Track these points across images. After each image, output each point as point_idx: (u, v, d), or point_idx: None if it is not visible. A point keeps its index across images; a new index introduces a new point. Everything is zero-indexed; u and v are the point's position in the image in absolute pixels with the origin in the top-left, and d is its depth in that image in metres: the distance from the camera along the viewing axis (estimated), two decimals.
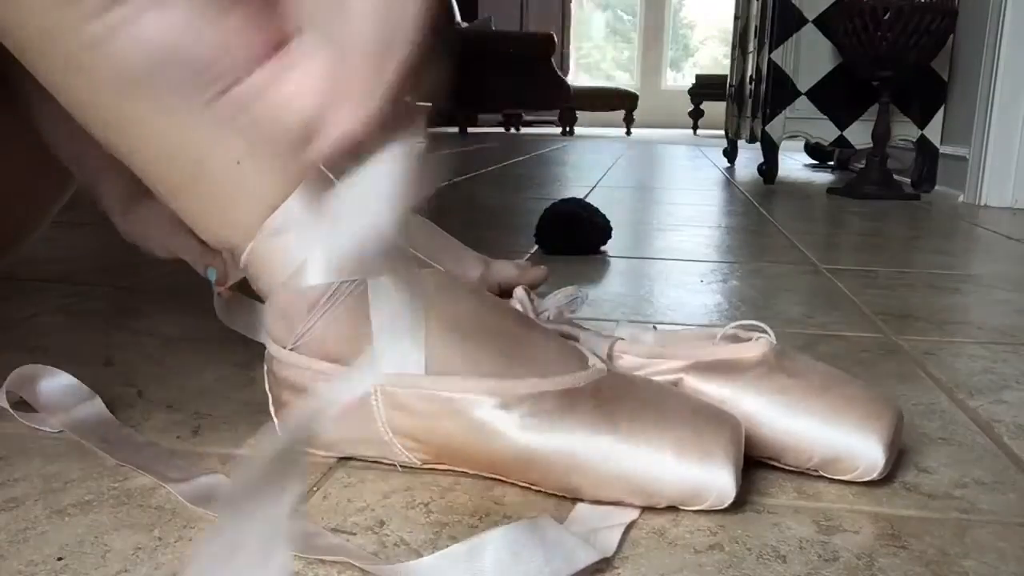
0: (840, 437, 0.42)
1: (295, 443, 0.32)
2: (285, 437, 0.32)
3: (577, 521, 0.38)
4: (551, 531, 0.35)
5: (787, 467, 0.44)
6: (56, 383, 0.49)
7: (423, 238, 0.65)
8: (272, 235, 0.40)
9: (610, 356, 0.47)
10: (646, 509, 0.39)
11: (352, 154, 0.36)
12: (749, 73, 2.52)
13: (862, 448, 0.42)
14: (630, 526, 0.38)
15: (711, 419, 0.40)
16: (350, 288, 0.40)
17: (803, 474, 0.44)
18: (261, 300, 0.43)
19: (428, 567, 0.32)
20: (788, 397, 0.43)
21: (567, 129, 6.10)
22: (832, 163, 3.12)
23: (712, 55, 9.95)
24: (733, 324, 0.50)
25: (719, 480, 0.39)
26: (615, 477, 0.39)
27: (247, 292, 0.48)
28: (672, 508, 0.40)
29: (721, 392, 0.44)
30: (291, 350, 0.42)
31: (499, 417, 0.39)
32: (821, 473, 0.43)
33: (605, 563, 0.35)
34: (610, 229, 1.14)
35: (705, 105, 6.82)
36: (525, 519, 0.35)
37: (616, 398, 0.40)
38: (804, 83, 2.20)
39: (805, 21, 2.18)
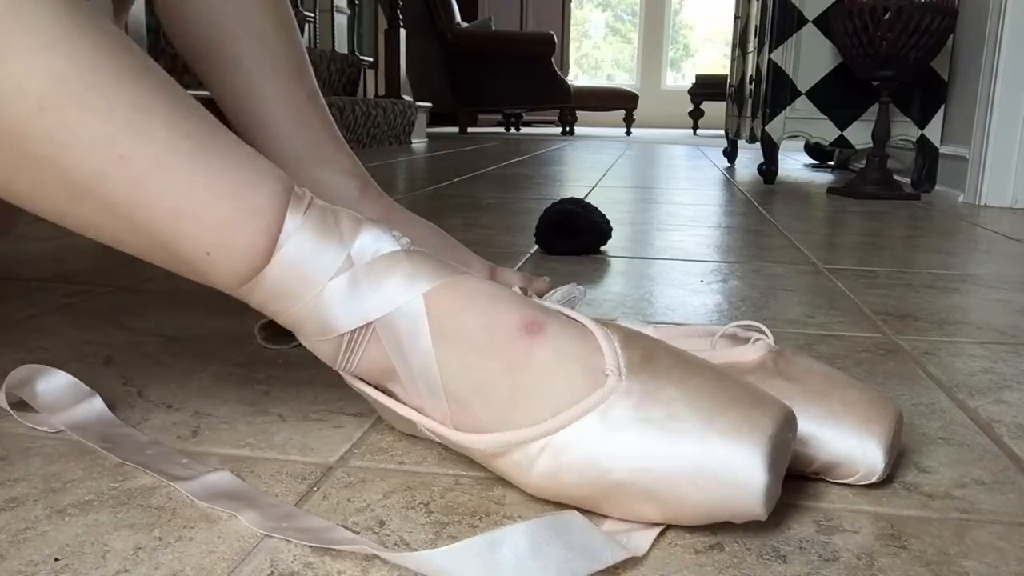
0: (840, 443, 0.42)
1: None
2: None
3: (612, 522, 0.38)
4: (577, 527, 0.34)
5: (788, 471, 0.44)
6: (56, 383, 0.49)
7: (428, 244, 0.64)
8: (282, 264, 0.40)
9: None
10: None
11: None
12: (749, 73, 2.52)
13: (862, 453, 0.42)
14: (665, 529, 0.38)
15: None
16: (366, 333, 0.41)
17: (803, 475, 0.44)
18: None
19: (445, 556, 0.32)
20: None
21: (567, 129, 6.10)
22: (832, 163, 3.12)
23: (712, 55, 9.95)
24: (732, 324, 0.50)
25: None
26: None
27: None
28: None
29: None
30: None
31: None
32: (822, 477, 0.43)
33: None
34: (610, 229, 1.14)
35: (705, 105, 6.83)
36: (551, 514, 0.35)
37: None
38: (804, 83, 2.20)
39: (805, 21, 2.18)
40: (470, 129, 5.82)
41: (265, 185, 0.40)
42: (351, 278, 0.40)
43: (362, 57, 4.64)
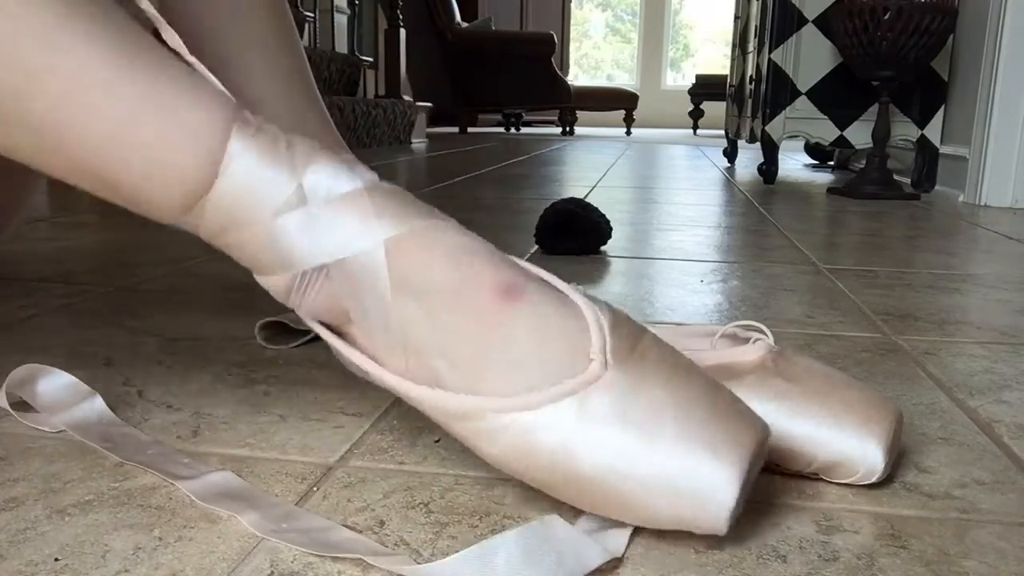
0: (840, 443, 0.42)
1: None
2: None
3: (585, 521, 0.38)
4: (562, 531, 0.34)
5: (788, 471, 0.44)
6: (56, 383, 0.49)
7: None
8: (230, 189, 0.36)
9: None
10: None
11: None
12: (749, 73, 2.52)
13: (862, 453, 0.42)
14: (638, 527, 0.38)
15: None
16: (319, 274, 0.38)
17: (803, 475, 0.44)
18: None
19: (441, 570, 0.32)
20: (787, 402, 0.43)
21: (567, 129, 6.10)
22: (832, 163, 3.12)
23: (712, 55, 9.95)
24: (732, 324, 0.50)
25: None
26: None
27: None
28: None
29: None
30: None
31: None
32: (822, 477, 0.43)
33: (605, 563, 0.35)
34: (610, 229, 1.14)
35: (705, 105, 6.83)
36: (536, 520, 0.35)
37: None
38: (804, 83, 2.20)
39: (805, 21, 2.18)
40: (470, 129, 5.82)
41: (204, 104, 0.36)
42: (304, 214, 0.36)
43: (362, 57, 4.64)
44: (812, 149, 3.35)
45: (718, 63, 9.19)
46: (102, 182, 0.37)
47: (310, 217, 0.37)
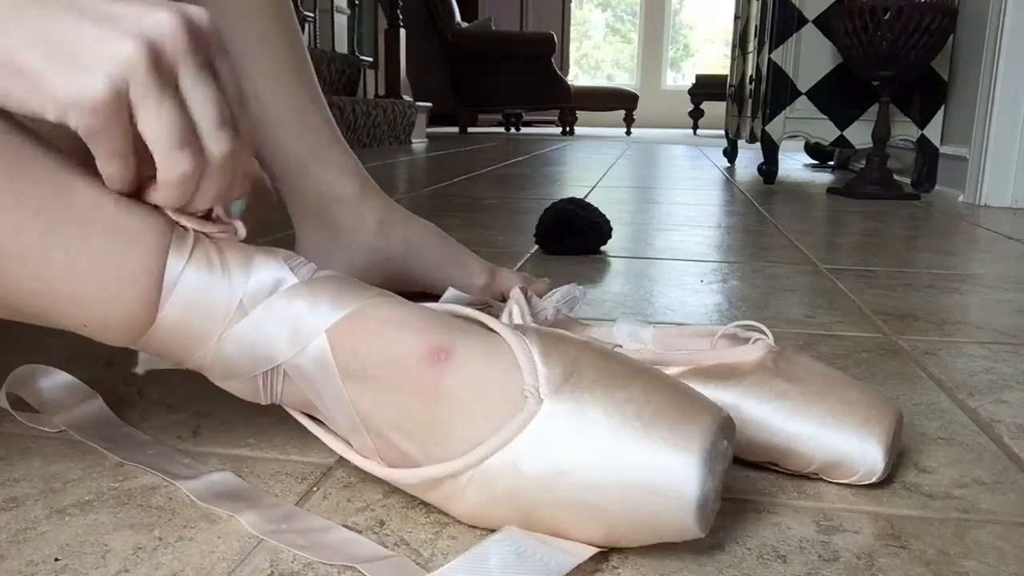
0: (840, 442, 0.42)
1: None
2: None
3: None
4: None
5: (788, 471, 0.44)
6: (56, 383, 0.49)
7: (428, 244, 0.64)
8: (176, 312, 0.37)
9: None
10: None
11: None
12: (749, 73, 2.52)
13: (862, 453, 0.42)
14: None
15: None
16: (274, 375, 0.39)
17: (803, 475, 0.44)
18: None
19: None
20: (787, 402, 0.43)
21: (567, 129, 6.10)
22: (832, 163, 3.12)
23: (712, 55, 9.95)
24: (732, 324, 0.50)
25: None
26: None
27: None
28: None
29: (722, 397, 0.44)
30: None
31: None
32: (822, 477, 0.43)
33: (605, 563, 0.35)
34: (610, 229, 1.14)
35: (705, 105, 6.82)
36: None
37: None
38: (804, 83, 2.20)
39: (805, 21, 2.18)
40: (470, 129, 5.82)
41: (137, 247, 0.36)
42: (249, 324, 0.37)
43: (362, 57, 4.64)
44: (812, 149, 3.35)
45: (718, 63, 9.18)
46: (44, 323, 0.38)
47: (253, 326, 0.37)
